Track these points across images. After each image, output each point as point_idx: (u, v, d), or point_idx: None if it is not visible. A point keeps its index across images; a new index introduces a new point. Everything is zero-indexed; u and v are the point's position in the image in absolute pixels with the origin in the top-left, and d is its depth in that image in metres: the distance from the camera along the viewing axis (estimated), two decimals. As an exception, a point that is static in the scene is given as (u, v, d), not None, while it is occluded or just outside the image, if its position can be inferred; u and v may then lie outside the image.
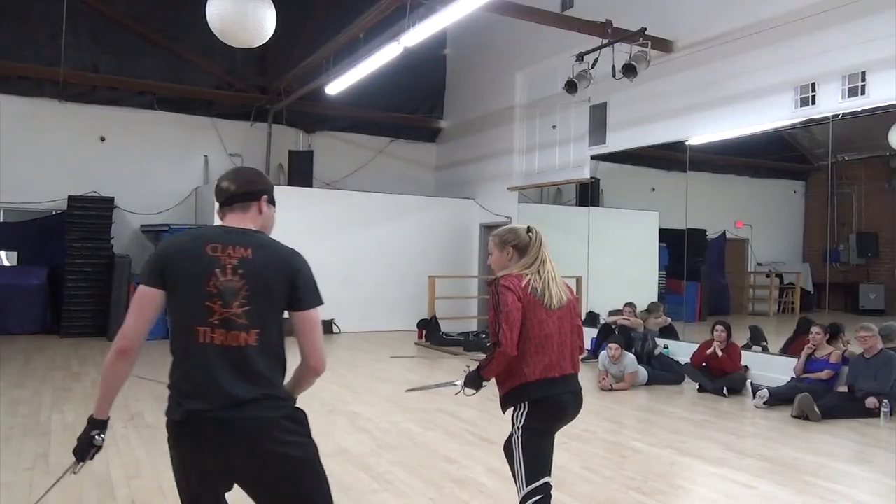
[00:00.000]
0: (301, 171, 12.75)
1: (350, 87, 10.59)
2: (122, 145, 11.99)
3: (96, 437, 2.09)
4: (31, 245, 11.38)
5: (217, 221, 2.25)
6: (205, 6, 6.09)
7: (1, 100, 11.19)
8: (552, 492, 2.74)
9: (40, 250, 11.30)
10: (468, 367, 2.99)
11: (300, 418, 2.13)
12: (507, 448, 2.87)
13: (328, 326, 11.87)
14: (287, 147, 13.16)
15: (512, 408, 2.76)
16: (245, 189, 2.20)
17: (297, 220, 11.82)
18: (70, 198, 10.93)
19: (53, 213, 11.39)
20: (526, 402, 2.71)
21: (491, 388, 2.92)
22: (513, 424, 2.76)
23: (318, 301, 2.15)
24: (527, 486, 2.68)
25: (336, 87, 10.60)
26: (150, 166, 12.18)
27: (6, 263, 11.48)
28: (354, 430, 5.50)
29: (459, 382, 2.92)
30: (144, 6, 11.87)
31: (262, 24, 5.89)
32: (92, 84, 11.71)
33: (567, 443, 5.10)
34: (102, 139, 11.82)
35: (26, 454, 4.64)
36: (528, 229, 2.87)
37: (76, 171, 11.47)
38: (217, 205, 2.23)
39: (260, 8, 5.85)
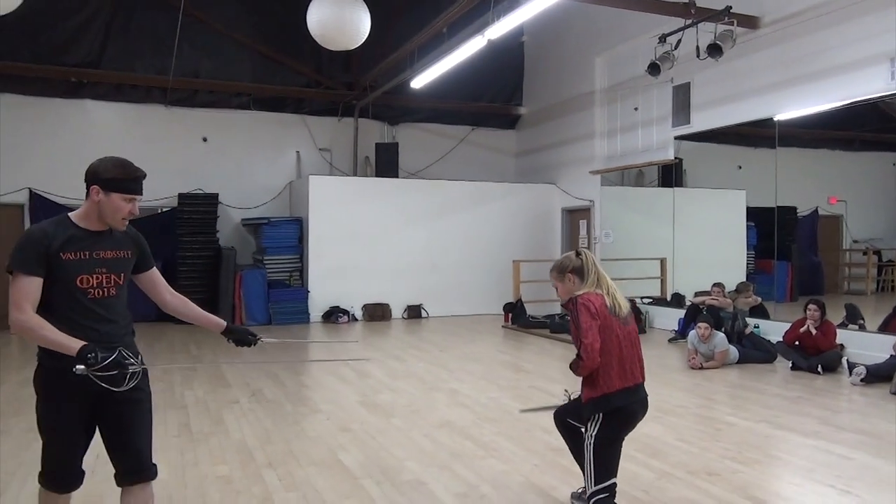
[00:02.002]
0: (387, 163, 13.23)
1: (431, 79, 10.94)
2: (223, 144, 12.81)
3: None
4: (146, 240, 12.30)
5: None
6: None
7: (114, 107, 12.19)
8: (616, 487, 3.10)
9: (153, 245, 12.07)
10: (569, 392, 3.38)
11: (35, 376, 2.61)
12: (561, 422, 3.42)
13: (416, 311, 12.37)
14: (373, 140, 13.67)
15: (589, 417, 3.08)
16: (85, 179, 2.59)
17: (384, 210, 12.37)
18: (180, 195, 11.80)
19: (160, 210, 12.17)
20: (601, 413, 3.01)
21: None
22: (585, 430, 3.09)
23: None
24: (595, 485, 3.03)
25: (420, 80, 10.98)
26: (248, 163, 12.97)
27: (125, 258, 12.48)
28: (455, 405, 5.88)
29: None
30: (238, 13, 12.60)
31: (359, 28, 6.29)
32: (193, 89, 12.55)
33: (661, 417, 5.30)
34: (205, 139, 12.65)
35: (171, 424, 5.25)
36: (577, 253, 3.19)
37: (182, 170, 12.31)
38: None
39: (356, 12, 6.25)
